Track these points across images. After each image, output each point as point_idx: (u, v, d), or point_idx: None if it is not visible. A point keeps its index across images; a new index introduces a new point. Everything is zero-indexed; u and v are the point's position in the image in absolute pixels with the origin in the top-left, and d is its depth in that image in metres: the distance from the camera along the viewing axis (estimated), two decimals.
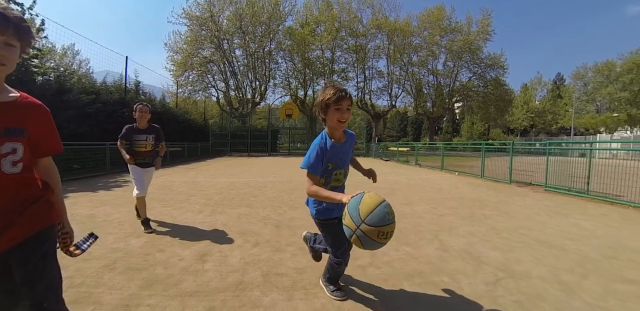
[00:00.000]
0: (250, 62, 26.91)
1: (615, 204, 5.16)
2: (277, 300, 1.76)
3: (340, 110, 1.52)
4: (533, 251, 2.68)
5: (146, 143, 3.33)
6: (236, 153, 21.65)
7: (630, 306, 1.81)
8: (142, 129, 3.31)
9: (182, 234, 3.05)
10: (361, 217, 1.20)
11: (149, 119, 3.35)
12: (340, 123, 1.55)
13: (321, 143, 1.57)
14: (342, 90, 1.53)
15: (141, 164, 3.34)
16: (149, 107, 3.33)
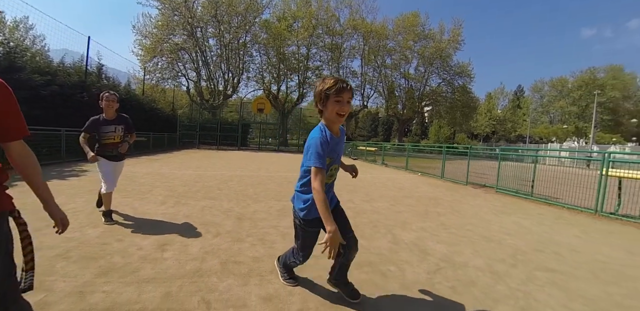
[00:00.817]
0: (224, 53, 26.13)
1: (553, 205, 5.75)
2: (232, 286, 1.85)
3: (340, 103, 1.44)
4: (474, 245, 2.97)
5: (115, 134, 3.14)
6: (205, 145, 21.10)
7: (545, 290, 2.10)
8: (110, 120, 3.11)
9: (142, 224, 3.03)
10: None
11: (117, 109, 3.15)
12: (339, 117, 1.47)
13: (322, 136, 1.47)
14: (343, 81, 1.46)
15: (110, 157, 3.14)
16: (116, 95, 3.14)
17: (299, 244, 1.72)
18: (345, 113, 1.47)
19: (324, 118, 1.52)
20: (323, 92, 1.45)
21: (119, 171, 3.32)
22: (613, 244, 3.45)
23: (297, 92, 30.23)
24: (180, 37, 25.09)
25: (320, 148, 1.42)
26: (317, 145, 1.42)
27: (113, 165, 3.18)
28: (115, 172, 3.22)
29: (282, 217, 3.60)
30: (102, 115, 3.11)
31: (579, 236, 3.67)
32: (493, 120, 54.95)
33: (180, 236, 2.73)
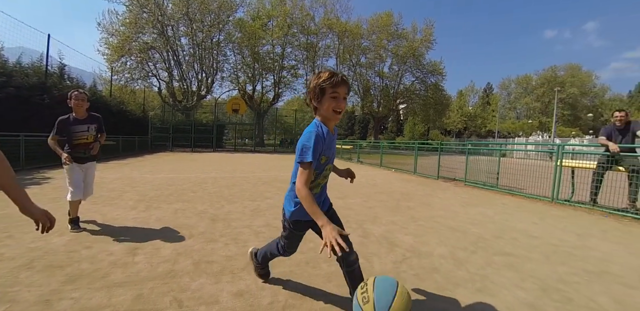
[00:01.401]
0: (197, 52, 25.44)
1: (515, 195, 6.13)
2: (204, 284, 1.89)
3: (336, 99, 1.34)
4: (440, 235, 3.16)
5: (88, 134, 2.98)
6: (178, 148, 20.54)
7: (501, 273, 2.28)
8: (82, 119, 2.96)
9: (112, 230, 2.97)
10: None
11: (87, 108, 3.00)
12: (335, 114, 1.36)
13: (318, 130, 1.36)
14: (339, 74, 1.35)
15: (81, 159, 2.96)
16: (86, 94, 2.99)
17: (285, 243, 1.70)
18: (342, 110, 1.37)
19: (319, 115, 1.42)
20: (318, 86, 1.34)
21: (92, 175, 3.16)
22: (565, 228, 3.76)
23: (272, 92, 30.02)
24: (150, 36, 24.08)
25: (315, 142, 1.31)
26: (312, 139, 1.32)
27: (84, 168, 3.02)
28: (87, 176, 3.07)
29: (255, 217, 3.64)
30: (71, 115, 2.95)
31: (536, 223, 3.97)
32: (464, 117, 57.16)
33: (152, 240, 2.71)
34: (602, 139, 5.27)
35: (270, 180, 6.98)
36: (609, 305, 1.88)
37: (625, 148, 4.92)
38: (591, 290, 2.08)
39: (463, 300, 1.84)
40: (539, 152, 9.60)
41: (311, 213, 1.26)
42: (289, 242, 1.70)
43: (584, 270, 2.45)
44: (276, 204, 4.40)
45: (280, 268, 2.18)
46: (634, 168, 4.76)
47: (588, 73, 51.55)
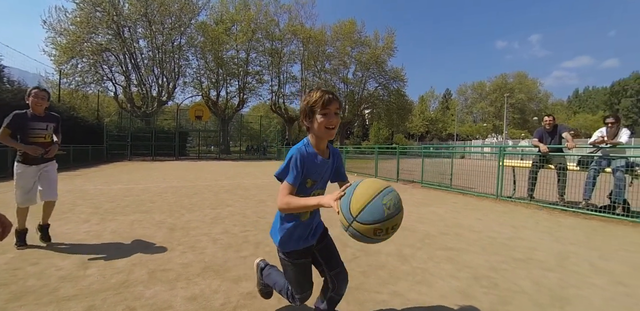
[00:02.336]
0: (157, 56, 24.40)
1: (466, 194, 6.64)
2: (159, 291, 1.94)
3: (327, 116, 1.26)
4: (395, 237, 3.39)
5: (46, 133, 2.80)
6: (138, 157, 19.54)
7: (440, 266, 2.54)
8: (40, 116, 2.77)
9: (62, 245, 2.87)
10: (352, 213, 1.01)
11: (46, 107, 2.82)
12: (328, 131, 1.28)
13: (301, 149, 1.30)
14: (329, 92, 1.30)
15: (35, 160, 2.72)
16: (47, 92, 2.82)
17: (292, 284, 1.46)
18: (334, 126, 1.28)
19: (311, 134, 1.34)
20: (308, 106, 1.28)
21: (53, 176, 2.89)
22: (503, 222, 4.19)
23: (237, 98, 29.64)
24: (105, 37, 22.64)
25: (292, 159, 1.25)
26: (292, 158, 1.26)
27: (40, 170, 2.78)
28: (47, 178, 2.82)
29: (215, 224, 3.68)
30: (28, 111, 2.75)
31: (480, 219, 4.38)
32: (426, 121, 60.05)
33: (106, 252, 2.67)
34: (534, 141, 5.91)
35: (233, 188, 6.96)
36: (528, 287, 2.19)
37: (553, 148, 5.56)
38: (516, 275, 2.39)
39: (402, 291, 2.05)
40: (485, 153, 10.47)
41: (306, 207, 1.17)
42: (296, 281, 1.45)
43: (513, 258, 2.78)
44: (236, 211, 4.45)
45: (235, 271, 2.27)
46: (561, 165, 5.39)
47: (534, 80, 56.55)
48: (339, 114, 1.31)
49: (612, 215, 4.56)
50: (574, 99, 68.26)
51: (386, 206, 1.00)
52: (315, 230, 1.48)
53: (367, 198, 1.01)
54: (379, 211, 0.99)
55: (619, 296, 2.08)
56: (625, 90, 60.56)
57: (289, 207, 1.18)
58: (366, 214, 0.99)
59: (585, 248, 3.14)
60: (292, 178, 1.24)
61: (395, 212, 1.01)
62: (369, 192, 1.02)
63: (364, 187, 1.04)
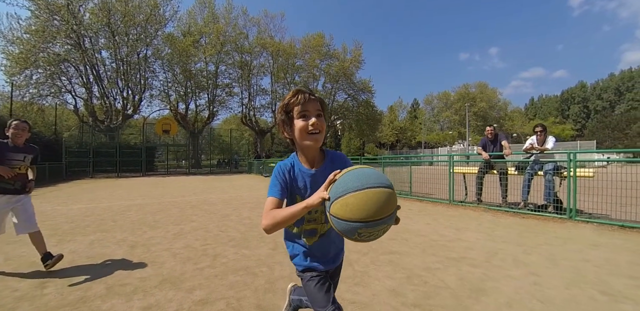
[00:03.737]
0: (121, 68, 23.54)
1: (423, 201, 7.12)
2: (116, 304, 2.09)
3: (307, 117, 1.06)
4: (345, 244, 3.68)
5: (23, 164, 2.82)
6: (101, 174, 18.64)
7: (380, 268, 2.84)
8: (19, 147, 2.82)
9: (17, 268, 2.88)
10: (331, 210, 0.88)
11: (27, 138, 2.86)
12: (312, 137, 1.06)
13: (284, 162, 1.16)
14: (305, 90, 1.09)
15: (9, 190, 2.72)
16: (28, 124, 2.87)
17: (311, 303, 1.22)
18: (317, 129, 1.07)
19: (297, 146, 1.15)
20: (282, 109, 1.10)
21: (28, 207, 2.87)
22: (449, 226, 4.61)
23: (207, 111, 29.32)
24: (63, 47, 21.46)
25: (274, 175, 1.13)
26: (274, 173, 1.14)
27: (10, 200, 2.75)
28: (22, 210, 2.80)
29: (177, 240, 3.80)
30: (9, 141, 2.78)
31: (429, 223, 4.78)
32: (395, 130, 62.15)
33: (64, 272, 2.73)
34: (478, 149, 6.53)
35: (199, 203, 7.02)
36: (453, 282, 2.52)
37: (495, 155, 6.18)
38: (445, 273, 2.73)
39: (339, 293, 2.27)
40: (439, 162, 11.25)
41: (293, 215, 0.96)
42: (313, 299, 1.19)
43: (447, 257, 3.15)
44: (199, 226, 4.58)
45: (190, 282, 2.45)
46: (502, 171, 6.01)
47: (494, 89, 60.71)
48: (322, 116, 1.10)
49: (546, 213, 5.16)
50: (530, 107, 73.81)
51: (359, 235, 0.86)
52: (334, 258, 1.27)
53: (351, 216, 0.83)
54: (350, 232, 0.86)
55: (527, 285, 2.44)
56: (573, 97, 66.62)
57: (275, 220, 0.98)
58: (337, 223, 0.87)
59: (514, 245, 3.58)
60: (272, 191, 1.09)
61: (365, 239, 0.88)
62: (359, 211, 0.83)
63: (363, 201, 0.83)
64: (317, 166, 1.16)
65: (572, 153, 5.02)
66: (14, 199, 2.79)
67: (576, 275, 2.63)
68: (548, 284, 2.44)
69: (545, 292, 2.29)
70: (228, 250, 3.35)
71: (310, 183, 1.14)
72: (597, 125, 46.54)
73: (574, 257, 3.11)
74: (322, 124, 1.09)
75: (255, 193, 9.17)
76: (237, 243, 3.62)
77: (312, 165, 1.16)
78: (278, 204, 1.07)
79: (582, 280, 2.52)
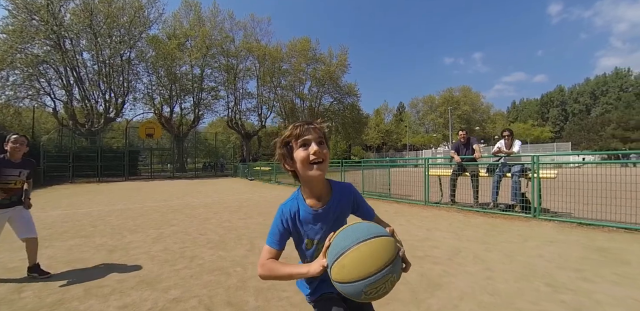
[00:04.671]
0: (104, 70, 22.99)
1: (400, 202, 7.38)
2: (93, 304, 2.21)
3: (307, 146, 1.00)
4: None
5: (18, 179, 2.83)
6: (82, 179, 18.14)
7: None
8: (16, 162, 2.82)
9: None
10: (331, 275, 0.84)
11: (25, 153, 2.87)
12: (315, 166, 0.99)
13: (285, 205, 1.08)
14: (305, 121, 1.04)
15: (5, 205, 2.75)
16: (27, 138, 2.90)
17: None
18: (320, 158, 0.99)
19: (300, 179, 1.06)
20: (284, 145, 1.05)
21: (26, 216, 2.89)
22: (421, 226, 4.84)
23: (192, 114, 29.08)
24: (42, 48, 20.74)
25: (274, 221, 1.07)
26: (275, 218, 1.07)
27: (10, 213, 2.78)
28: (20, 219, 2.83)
29: (156, 243, 3.90)
30: (5, 155, 2.79)
31: (402, 224, 5.01)
32: (381, 133, 62.99)
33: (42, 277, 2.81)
34: (451, 152, 6.85)
35: (181, 208, 7.08)
36: (413, 278, 2.72)
37: (467, 158, 6.50)
38: (410, 271, 2.93)
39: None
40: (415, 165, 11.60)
41: (291, 275, 0.95)
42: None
43: (413, 256, 3.35)
44: (180, 230, 4.68)
45: (166, 283, 2.59)
46: (474, 173, 6.32)
47: (477, 93, 62.45)
48: (324, 144, 1.02)
49: (513, 213, 5.48)
50: (512, 110, 76.13)
51: (365, 293, 0.80)
52: None
53: (351, 277, 0.79)
54: (356, 293, 0.81)
55: (481, 279, 2.65)
56: (552, 101, 69.14)
57: (271, 274, 0.96)
58: (341, 288, 0.82)
59: (478, 243, 3.82)
60: (270, 240, 1.05)
61: (376, 296, 0.81)
62: (357, 270, 0.79)
63: (357, 258, 0.79)
64: (323, 201, 1.07)
65: (536, 156, 5.38)
66: (10, 209, 2.83)
67: (528, 269, 2.87)
68: (500, 278, 2.66)
69: (495, 286, 2.51)
70: (205, 252, 3.49)
71: (320, 224, 1.06)
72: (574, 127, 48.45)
73: (530, 253, 3.35)
74: (324, 152, 1.00)
75: (238, 196, 9.25)
76: (215, 245, 3.76)
77: (318, 199, 1.07)
78: (275, 256, 1.03)
79: (532, 274, 2.75)
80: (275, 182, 14.38)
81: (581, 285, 2.46)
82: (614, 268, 2.82)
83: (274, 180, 14.71)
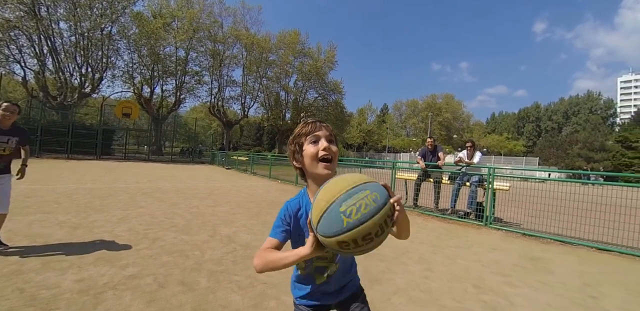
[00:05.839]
0: (82, 43, 21.91)
1: None
2: (50, 277, 2.31)
3: (317, 143, 1.00)
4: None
5: (6, 146, 2.83)
6: (49, 154, 17.41)
7: None
8: (5, 130, 2.81)
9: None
10: (312, 223, 0.79)
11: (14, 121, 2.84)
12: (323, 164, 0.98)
13: (290, 201, 1.06)
14: (315, 120, 1.06)
15: None
16: (18, 106, 2.86)
17: None
18: (330, 155, 0.99)
19: (307, 176, 1.06)
20: (294, 139, 1.06)
21: (6, 191, 2.88)
22: None
23: (173, 97, 28.33)
24: (14, 13, 19.47)
25: (278, 217, 1.04)
26: (279, 214, 1.04)
27: None
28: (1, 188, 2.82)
29: (120, 224, 3.99)
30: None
31: None
32: (363, 132, 63.78)
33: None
34: (418, 158, 7.21)
35: (152, 191, 7.09)
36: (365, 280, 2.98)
37: (432, 165, 6.88)
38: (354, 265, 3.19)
39: (256, 275, 2.61)
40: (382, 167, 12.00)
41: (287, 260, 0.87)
42: None
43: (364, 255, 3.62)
44: (146, 212, 4.77)
45: (125, 260, 2.73)
46: (437, 179, 6.71)
47: (459, 102, 64.29)
48: (334, 142, 1.03)
49: (468, 220, 5.87)
50: (491, 121, 79.01)
51: (345, 214, 0.74)
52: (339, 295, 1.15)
53: (324, 205, 0.77)
54: (337, 221, 0.74)
55: (419, 278, 2.87)
56: (528, 116, 72.33)
57: (265, 260, 0.90)
58: (323, 226, 0.76)
59: (427, 246, 4.07)
60: (274, 232, 1.01)
61: (361, 221, 0.73)
62: (326, 197, 0.78)
63: (325, 190, 0.80)
64: None
65: (492, 168, 5.80)
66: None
67: (463, 272, 3.13)
68: (436, 278, 2.90)
69: (429, 284, 2.74)
70: (168, 234, 3.63)
71: None
72: (545, 143, 50.99)
73: (471, 258, 3.63)
74: (334, 150, 1.00)
75: (212, 184, 9.31)
76: (179, 229, 3.90)
77: None
78: (275, 246, 0.98)
79: (466, 276, 3.02)
80: (251, 173, 14.44)
81: (504, 289, 2.73)
82: (538, 276, 3.12)
83: (250, 170, 14.76)
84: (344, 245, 0.75)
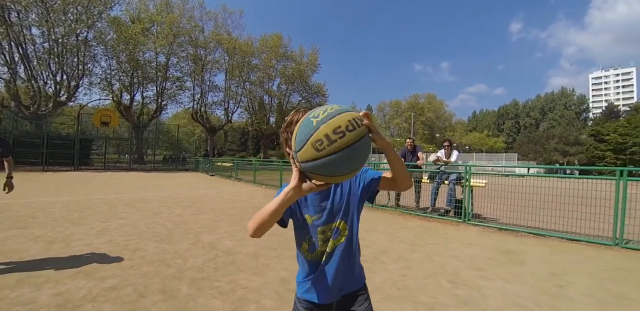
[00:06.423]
0: (56, 49, 21.15)
1: None
2: (25, 293, 2.29)
3: None
4: (260, 241, 4.01)
5: None
6: (24, 166, 16.74)
7: (282, 262, 3.29)
8: None
9: None
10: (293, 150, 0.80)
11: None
12: None
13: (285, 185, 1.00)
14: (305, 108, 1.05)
15: None
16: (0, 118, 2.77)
17: None
18: None
19: None
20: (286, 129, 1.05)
21: None
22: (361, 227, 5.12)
23: (154, 104, 27.78)
24: None
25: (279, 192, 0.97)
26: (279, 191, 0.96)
27: None
28: None
29: (100, 236, 3.94)
30: None
31: None
32: None
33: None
34: None
35: (134, 201, 6.98)
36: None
37: (411, 165, 7.06)
38: None
39: (238, 280, 2.69)
40: None
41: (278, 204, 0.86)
42: None
43: None
44: (127, 223, 4.71)
45: (104, 272, 2.72)
46: (416, 179, 6.89)
47: (441, 101, 65.67)
48: None
49: (447, 217, 6.05)
50: (473, 119, 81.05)
51: (314, 116, 0.76)
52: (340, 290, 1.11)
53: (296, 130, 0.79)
54: (308, 125, 0.75)
55: (396, 276, 2.94)
56: (507, 113, 74.66)
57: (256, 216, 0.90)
58: (299, 139, 0.76)
59: (407, 244, 4.16)
60: None
61: (329, 117, 0.74)
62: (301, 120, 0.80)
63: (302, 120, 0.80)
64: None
65: (468, 166, 6.02)
66: None
67: (440, 268, 3.23)
68: (413, 276, 2.98)
69: (406, 282, 2.83)
70: (150, 244, 3.61)
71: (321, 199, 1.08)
72: (524, 139, 52.68)
73: (448, 254, 3.74)
74: None
75: (195, 192, 9.23)
76: (161, 239, 3.88)
77: None
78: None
79: (442, 272, 3.11)
80: (235, 179, 14.35)
81: (477, 282, 2.84)
82: (510, 268, 3.26)
83: (234, 176, 14.66)
84: (318, 144, 0.73)
